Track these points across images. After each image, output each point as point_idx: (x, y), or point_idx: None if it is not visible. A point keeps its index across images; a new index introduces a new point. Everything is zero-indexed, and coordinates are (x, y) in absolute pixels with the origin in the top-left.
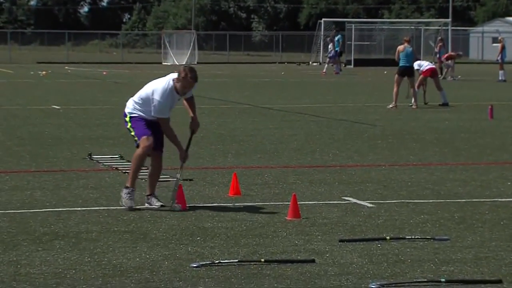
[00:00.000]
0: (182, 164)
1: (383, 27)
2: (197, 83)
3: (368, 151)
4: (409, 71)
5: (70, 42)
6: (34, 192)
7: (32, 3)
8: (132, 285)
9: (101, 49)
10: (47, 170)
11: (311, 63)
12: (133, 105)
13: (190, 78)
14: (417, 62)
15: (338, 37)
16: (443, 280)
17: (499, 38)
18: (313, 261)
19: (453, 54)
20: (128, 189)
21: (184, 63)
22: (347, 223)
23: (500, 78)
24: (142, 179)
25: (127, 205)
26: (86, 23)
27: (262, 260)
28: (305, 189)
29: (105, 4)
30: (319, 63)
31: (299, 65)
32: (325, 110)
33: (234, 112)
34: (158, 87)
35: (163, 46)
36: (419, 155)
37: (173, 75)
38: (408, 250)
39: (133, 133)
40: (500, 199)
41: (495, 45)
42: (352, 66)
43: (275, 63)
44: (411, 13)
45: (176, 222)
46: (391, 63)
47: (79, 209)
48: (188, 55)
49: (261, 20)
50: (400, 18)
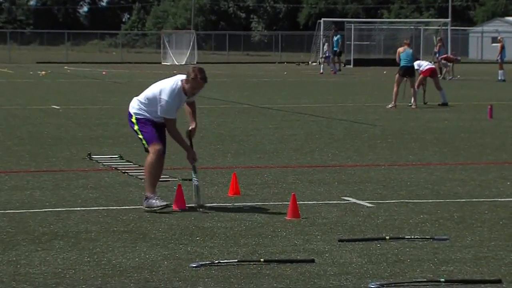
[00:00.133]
0: (193, 165)
1: (383, 27)
2: (206, 83)
3: (367, 151)
4: (410, 71)
5: (69, 42)
6: (33, 192)
7: (31, 3)
8: (131, 285)
9: (100, 49)
10: (47, 170)
11: (310, 63)
12: (138, 105)
13: (200, 79)
14: (416, 62)
15: (337, 37)
16: (443, 280)
17: (499, 37)
18: (313, 261)
19: (451, 57)
20: (153, 198)
21: (183, 63)
22: (347, 223)
23: (499, 78)
24: (142, 179)
25: (162, 205)
26: (85, 23)
27: (261, 260)
28: (304, 189)
29: (104, 4)
30: (318, 63)
31: (299, 65)
32: (325, 110)
33: (233, 112)
34: (166, 87)
35: (162, 46)
36: (418, 155)
37: (181, 76)
38: (407, 250)
39: (141, 136)
40: (499, 199)
41: (494, 45)
42: (351, 66)
43: (275, 63)
44: (410, 13)
45: (175, 222)
46: (391, 63)
47: (79, 209)
48: (187, 55)
49: (261, 20)
50: (399, 18)
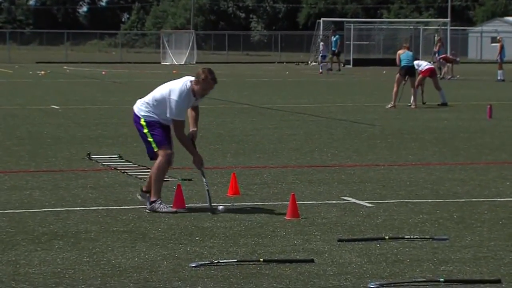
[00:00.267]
0: (201, 170)
1: (382, 27)
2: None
3: (367, 150)
4: (411, 71)
5: (69, 42)
6: (33, 191)
7: (31, 3)
8: (131, 285)
9: (100, 49)
10: (46, 170)
11: (310, 62)
12: (146, 107)
13: (210, 79)
14: (415, 61)
15: (336, 38)
16: (442, 279)
17: (498, 37)
18: (312, 260)
19: (450, 57)
20: (156, 203)
21: (182, 63)
22: (346, 223)
23: (499, 77)
24: (141, 178)
25: (169, 211)
26: (85, 23)
27: (261, 260)
28: (304, 188)
29: (104, 4)
30: (318, 63)
31: (298, 64)
32: (324, 110)
33: (233, 111)
34: (175, 88)
35: (162, 46)
36: (418, 155)
37: (189, 78)
38: (407, 249)
39: (151, 139)
40: (499, 199)
41: (494, 44)
42: (351, 66)
43: (274, 62)
44: (410, 12)
45: (175, 222)
46: (390, 62)
47: (78, 209)
48: (187, 55)
49: (260, 20)
50: (399, 18)
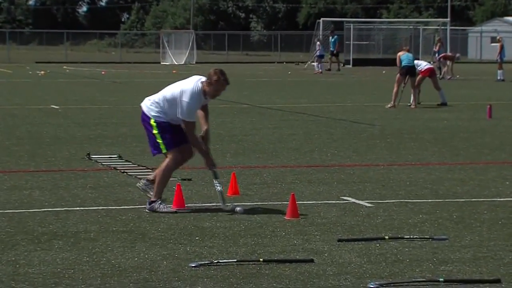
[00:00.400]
0: (214, 171)
1: (382, 26)
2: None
3: (366, 150)
4: (412, 71)
5: (68, 41)
6: (32, 191)
7: (30, 2)
8: (130, 285)
9: (99, 48)
10: (46, 169)
11: (309, 62)
12: (156, 107)
13: (223, 80)
14: (415, 61)
15: (334, 38)
16: (442, 279)
17: (498, 37)
18: (312, 260)
19: (449, 55)
20: (156, 203)
21: (182, 63)
22: (346, 223)
23: (498, 77)
24: (140, 178)
25: (169, 211)
26: (84, 22)
27: (260, 259)
28: (303, 188)
29: (103, 3)
30: (311, 62)
31: (298, 64)
32: (324, 109)
33: (232, 111)
34: (186, 89)
35: (161, 45)
36: (417, 155)
37: (199, 77)
38: (406, 249)
39: (160, 141)
40: (498, 199)
41: (493, 44)
42: (350, 65)
43: (274, 62)
44: (409, 12)
45: (174, 221)
46: (390, 62)
47: (78, 208)
48: (186, 54)
49: (260, 19)
50: (398, 17)
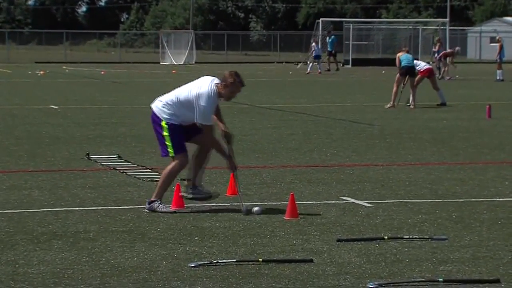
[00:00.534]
0: (235, 175)
1: (381, 26)
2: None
3: (366, 150)
4: (412, 71)
5: (68, 41)
6: (32, 191)
7: (30, 2)
8: (130, 285)
9: (99, 48)
10: (45, 169)
11: (302, 63)
12: (169, 109)
13: (238, 82)
14: (414, 61)
15: (332, 38)
16: (441, 279)
17: (497, 37)
18: (311, 260)
19: (448, 52)
20: (156, 203)
21: (182, 63)
22: (345, 223)
23: (498, 77)
24: (140, 178)
25: (168, 211)
26: (84, 22)
27: (260, 259)
28: (303, 188)
29: (103, 3)
30: (307, 63)
31: (297, 64)
32: (323, 109)
33: (232, 111)
34: (202, 92)
35: (161, 45)
36: (417, 155)
37: (210, 79)
38: (406, 249)
39: (169, 143)
40: (497, 199)
41: (493, 44)
42: (350, 65)
43: (273, 62)
44: (409, 12)
45: (174, 221)
46: (389, 62)
47: (77, 208)
48: (186, 54)
49: (259, 19)
50: (398, 17)
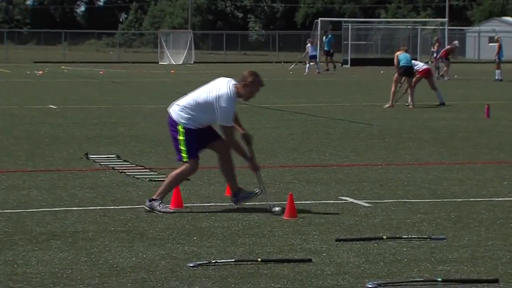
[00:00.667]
0: (258, 174)
1: (380, 26)
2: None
3: (365, 150)
4: (409, 71)
5: (66, 41)
6: (30, 191)
7: (28, 2)
8: (128, 285)
9: (97, 48)
10: (44, 169)
11: (306, 63)
12: (187, 113)
13: (258, 82)
14: (412, 61)
15: (328, 38)
16: (440, 279)
17: (496, 37)
18: (310, 260)
19: (448, 48)
20: (157, 202)
21: (180, 63)
22: (344, 223)
23: (496, 77)
24: (138, 178)
25: (167, 211)
26: (82, 22)
27: (258, 259)
28: (301, 188)
29: (101, 3)
30: (315, 63)
31: (296, 64)
32: (322, 109)
33: None
34: (222, 94)
35: (159, 45)
36: (415, 155)
37: (227, 80)
38: (404, 249)
39: (184, 149)
40: (496, 199)
41: (491, 44)
42: (348, 65)
43: (272, 62)
44: (407, 12)
45: (172, 221)
46: (388, 62)
47: (76, 208)
48: (184, 54)
49: (258, 19)
50: (396, 17)
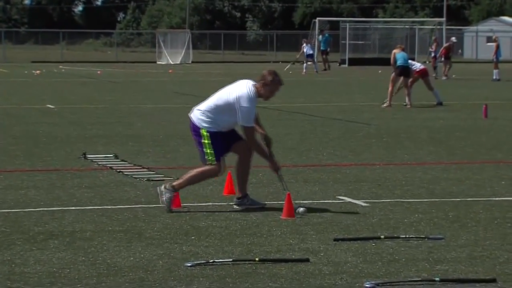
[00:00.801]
0: (279, 175)
1: (378, 26)
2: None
3: (362, 150)
4: (406, 72)
5: (64, 41)
6: (28, 191)
7: (26, 2)
8: (126, 284)
9: (95, 48)
10: (42, 169)
11: (290, 64)
12: (208, 117)
13: (277, 81)
14: (409, 61)
15: (325, 37)
16: (438, 279)
17: (494, 37)
18: (308, 260)
19: (446, 46)
20: (169, 192)
21: (178, 62)
22: (342, 222)
23: (494, 77)
24: (136, 178)
25: (168, 205)
26: (80, 22)
27: (256, 259)
28: (299, 188)
29: (99, 3)
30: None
31: (294, 64)
32: (320, 109)
33: None
34: (242, 94)
35: (157, 45)
36: (413, 154)
37: (247, 81)
38: (402, 249)
39: (208, 151)
40: (494, 198)
41: (489, 44)
42: (346, 65)
43: (270, 62)
44: (405, 12)
45: (170, 221)
46: (386, 62)
47: (74, 208)
48: (182, 54)
49: (256, 19)
50: (394, 17)
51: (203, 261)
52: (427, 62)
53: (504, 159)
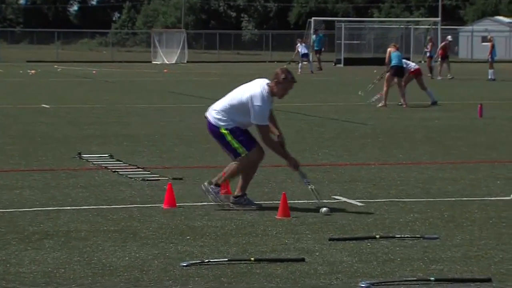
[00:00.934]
0: (299, 171)
1: (373, 26)
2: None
3: (358, 150)
4: (400, 72)
5: (59, 40)
6: (23, 191)
7: (21, 1)
8: (121, 284)
9: (91, 47)
10: (37, 169)
11: (299, 61)
12: (223, 115)
13: (291, 78)
14: (403, 60)
15: (319, 36)
16: (433, 278)
17: (489, 37)
18: (303, 260)
19: (442, 45)
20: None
21: (173, 62)
22: (337, 222)
23: (489, 77)
24: (131, 178)
25: (222, 202)
26: (75, 21)
27: (251, 259)
28: (295, 188)
29: (94, 2)
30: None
31: (289, 63)
32: (316, 109)
33: None
34: (255, 93)
35: (152, 44)
36: (409, 154)
37: (261, 80)
38: (397, 248)
39: (237, 145)
40: (489, 198)
41: (484, 44)
42: (342, 65)
43: (265, 61)
44: (400, 12)
45: (165, 221)
46: (381, 62)
47: (69, 208)
48: (178, 54)
49: (251, 19)
50: (390, 17)
51: (198, 261)
52: (423, 62)
53: (499, 158)
